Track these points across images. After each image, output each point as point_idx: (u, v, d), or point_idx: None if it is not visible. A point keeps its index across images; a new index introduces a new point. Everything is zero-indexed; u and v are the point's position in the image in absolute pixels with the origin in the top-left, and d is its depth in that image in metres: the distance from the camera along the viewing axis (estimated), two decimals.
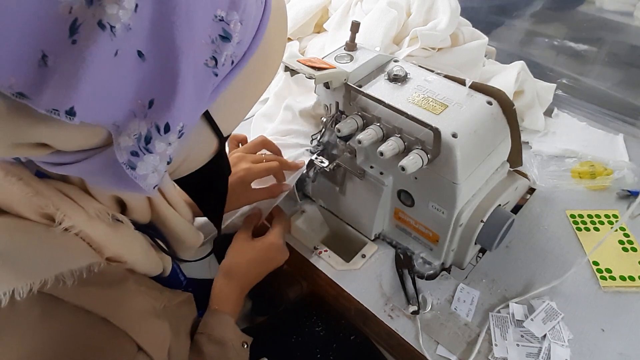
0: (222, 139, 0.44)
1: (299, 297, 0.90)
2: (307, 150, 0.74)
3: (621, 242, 0.74)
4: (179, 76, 0.31)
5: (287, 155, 0.79)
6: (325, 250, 0.74)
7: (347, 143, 0.70)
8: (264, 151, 0.76)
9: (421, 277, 0.70)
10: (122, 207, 0.43)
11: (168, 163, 0.35)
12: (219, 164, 0.48)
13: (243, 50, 0.37)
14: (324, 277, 0.71)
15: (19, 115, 0.29)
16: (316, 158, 0.72)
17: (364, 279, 0.70)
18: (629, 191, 0.81)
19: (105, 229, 0.41)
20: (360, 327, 0.67)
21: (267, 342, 0.82)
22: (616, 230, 0.75)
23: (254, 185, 0.72)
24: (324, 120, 0.73)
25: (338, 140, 0.72)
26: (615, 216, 0.78)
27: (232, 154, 0.73)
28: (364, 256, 0.73)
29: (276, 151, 0.76)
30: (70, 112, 0.28)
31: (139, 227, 0.46)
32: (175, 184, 0.50)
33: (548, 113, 0.98)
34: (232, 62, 0.36)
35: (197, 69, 0.33)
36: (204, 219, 0.71)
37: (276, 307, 1.22)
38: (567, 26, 1.25)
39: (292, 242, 0.76)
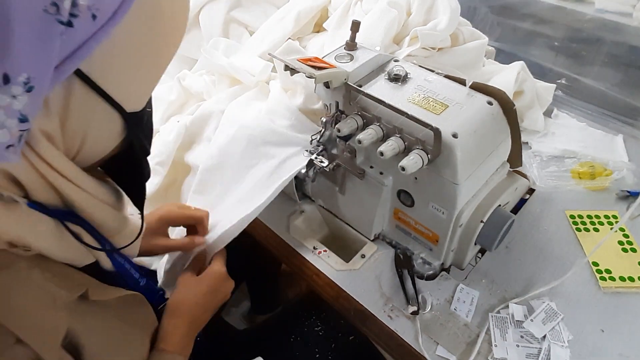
0: (125, 115, 0.42)
1: (298, 296, 0.90)
2: (306, 150, 0.74)
3: (621, 242, 0.74)
4: (10, 22, 0.30)
5: (285, 153, 0.78)
6: (325, 250, 0.74)
7: (347, 143, 0.70)
8: None
9: (421, 277, 0.70)
10: (21, 187, 0.41)
11: (22, 121, 0.33)
12: (133, 145, 0.46)
13: (111, 5, 0.35)
14: (323, 277, 0.71)
15: None
16: (316, 158, 0.72)
17: (363, 279, 0.70)
18: (628, 192, 0.81)
19: None
20: (360, 328, 0.67)
21: (267, 342, 0.82)
22: (616, 231, 0.75)
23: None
24: (324, 120, 0.73)
25: (338, 140, 0.71)
26: (614, 217, 0.78)
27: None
28: (363, 256, 0.73)
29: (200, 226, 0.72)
30: None
31: (58, 214, 0.43)
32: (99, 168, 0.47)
33: (547, 113, 0.98)
34: (94, 17, 0.34)
35: (33, 15, 0.31)
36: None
37: (275, 307, 1.22)
38: (566, 27, 1.25)
39: (291, 242, 0.76)
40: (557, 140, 0.92)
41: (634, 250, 0.73)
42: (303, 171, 0.75)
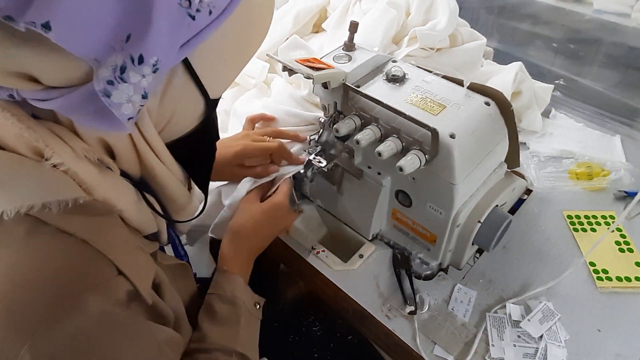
0: (208, 101, 0.46)
1: (297, 296, 0.90)
2: (304, 151, 0.74)
3: (618, 242, 0.74)
4: (152, 12, 0.34)
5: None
6: (323, 251, 0.74)
7: (345, 143, 0.70)
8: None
9: (419, 277, 0.70)
10: (111, 155, 0.45)
11: (143, 97, 0.38)
12: (207, 129, 0.50)
13: (224, 2, 0.40)
14: (322, 277, 0.71)
15: (6, 35, 0.33)
16: (314, 158, 0.72)
17: (361, 279, 0.70)
18: (625, 192, 0.81)
19: (93, 170, 0.42)
20: (358, 327, 0.67)
21: (265, 341, 0.82)
22: (613, 231, 0.75)
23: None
24: (322, 120, 0.73)
25: (336, 140, 0.72)
26: (612, 217, 0.78)
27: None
28: (361, 256, 0.73)
29: (276, 132, 0.79)
30: (46, 26, 0.31)
31: (138, 184, 0.48)
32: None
33: (545, 114, 0.98)
34: (210, 12, 0.39)
35: (171, 7, 0.36)
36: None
37: (274, 307, 1.22)
38: (564, 27, 1.25)
39: (290, 242, 0.76)
40: (555, 140, 0.93)
41: (630, 250, 0.73)
42: (301, 171, 0.75)
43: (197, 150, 0.53)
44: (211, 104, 0.48)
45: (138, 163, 0.47)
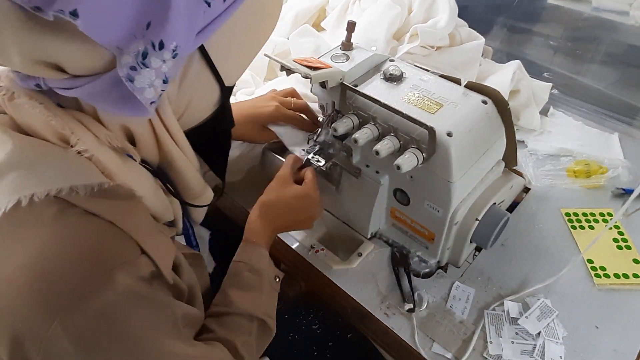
0: (223, 88, 0.49)
1: (298, 296, 0.91)
2: (302, 150, 0.75)
3: (615, 240, 0.74)
4: (171, 0, 0.36)
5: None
6: (322, 249, 0.74)
7: (343, 142, 0.70)
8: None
9: (417, 275, 0.70)
10: (132, 143, 0.47)
11: (164, 82, 0.39)
12: (222, 116, 0.52)
13: None
14: (321, 275, 0.71)
15: (35, 25, 0.35)
16: (312, 157, 0.73)
17: (360, 278, 0.71)
18: (623, 189, 0.81)
19: (114, 157, 0.44)
20: (357, 325, 0.68)
21: None
22: (610, 228, 0.76)
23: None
24: (320, 119, 0.73)
25: (334, 139, 0.72)
26: (610, 214, 0.78)
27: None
28: (360, 255, 0.73)
29: (303, 104, 0.81)
30: (74, 13, 0.33)
31: (156, 172, 0.50)
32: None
33: (544, 112, 0.99)
34: (224, 0, 0.41)
35: None
36: None
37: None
38: (563, 25, 1.25)
39: (289, 241, 0.76)
40: (553, 138, 0.93)
41: (628, 247, 0.73)
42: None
43: (213, 138, 0.55)
44: (226, 91, 0.50)
45: (157, 150, 0.49)
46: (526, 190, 0.83)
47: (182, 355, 0.44)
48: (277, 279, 0.63)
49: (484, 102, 0.64)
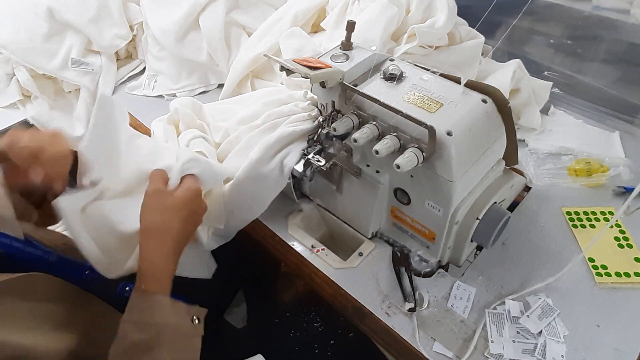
0: None
1: (295, 299, 0.91)
2: (302, 150, 0.75)
3: (617, 238, 0.74)
4: None
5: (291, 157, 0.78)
6: (323, 249, 0.74)
7: (343, 142, 0.70)
8: None
9: (418, 274, 0.70)
10: None
11: None
12: None
13: None
14: (322, 275, 0.71)
15: None
16: (313, 157, 0.73)
17: (361, 277, 0.71)
18: (624, 188, 0.81)
19: None
20: (358, 325, 0.68)
21: (266, 337, 0.82)
22: (611, 226, 0.76)
23: None
24: (320, 119, 0.73)
25: (334, 139, 0.72)
26: (611, 213, 0.78)
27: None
28: (361, 254, 0.73)
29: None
30: None
31: None
32: None
33: (544, 111, 0.99)
34: None
35: None
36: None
37: (271, 312, 1.22)
38: (563, 24, 1.25)
39: (290, 240, 0.76)
40: (553, 137, 0.93)
41: (629, 246, 0.73)
42: (300, 170, 0.75)
43: None
44: None
45: None
46: (527, 189, 0.83)
47: None
48: (197, 320, 0.54)
49: (484, 101, 0.64)
